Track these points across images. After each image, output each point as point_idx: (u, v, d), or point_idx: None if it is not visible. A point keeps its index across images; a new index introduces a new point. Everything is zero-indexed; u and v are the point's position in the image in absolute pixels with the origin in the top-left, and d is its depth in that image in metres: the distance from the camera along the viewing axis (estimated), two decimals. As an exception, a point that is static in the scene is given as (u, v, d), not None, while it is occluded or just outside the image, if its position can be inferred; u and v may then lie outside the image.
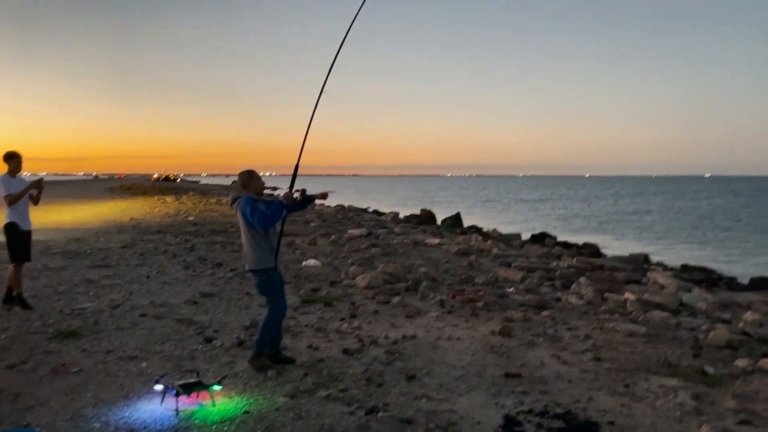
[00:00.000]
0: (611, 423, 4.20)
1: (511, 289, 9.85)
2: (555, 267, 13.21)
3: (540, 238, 22.51)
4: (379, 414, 4.21)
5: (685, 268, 16.83)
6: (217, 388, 4.46)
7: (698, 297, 9.99)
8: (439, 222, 29.90)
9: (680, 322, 8.17)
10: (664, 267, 16.69)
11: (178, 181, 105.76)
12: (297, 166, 5.16)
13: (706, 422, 4.22)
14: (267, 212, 4.93)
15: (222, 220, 20.61)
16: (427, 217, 30.60)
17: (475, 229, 25.50)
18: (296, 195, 5.05)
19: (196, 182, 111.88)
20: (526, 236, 23.50)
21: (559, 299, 9.37)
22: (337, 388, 4.73)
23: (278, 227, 5.16)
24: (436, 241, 16.71)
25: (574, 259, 14.52)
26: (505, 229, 26.92)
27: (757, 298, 11.11)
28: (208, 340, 6.01)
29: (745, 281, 14.85)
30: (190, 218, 21.59)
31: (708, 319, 8.72)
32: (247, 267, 5.18)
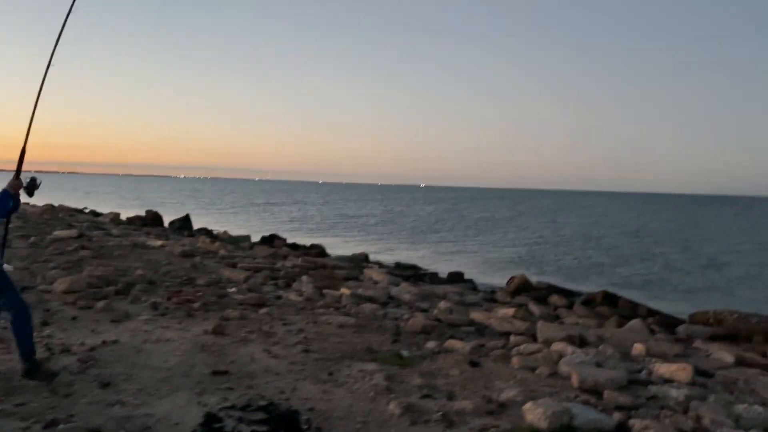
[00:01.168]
0: (311, 409, 4.36)
1: (233, 289, 9.71)
2: (280, 267, 13.43)
3: (270, 240, 22.75)
4: (60, 426, 3.75)
5: (398, 265, 18.53)
6: None
7: (404, 290, 11.05)
8: (166, 224, 28.31)
9: (387, 312, 8.92)
10: (381, 265, 18.15)
11: None
12: (23, 154, 4.56)
13: (394, 399, 4.62)
14: None
15: None
16: (153, 218, 28.67)
17: (205, 231, 24.76)
18: (24, 184, 4.47)
19: None
20: (256, 238, 23.54)
21: (280, 297, 9.53)
22: (12, 403, 4.11)
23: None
24: (159, 242, 15.78)
25: (299, 259, 14.96)
26: (236, 231, 26.65)
27: (452, 290, 12.74)
28: None
29: (445, 275, 16.90)
30: None
31: (410, 309, 9.68)
32: None
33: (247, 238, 21.51)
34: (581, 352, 6.71)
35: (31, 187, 4.51)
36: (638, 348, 7.50)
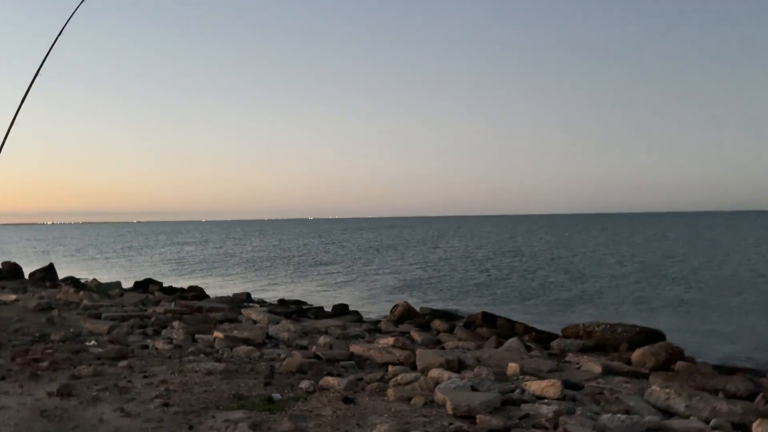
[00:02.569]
0: (162, 472, 3.93)
1: (92, 342, 8.90)
2: (151, 314, 12.57)
3: (144, 285, 21.43)
4: None
5: (281, 302, 18.01)
6: None
7: (283, 328, 10.65)
8: (27, 275, 25.91)
9: (263, 353, 8.52)
10: (263, 303, 17.58)
11: None
12: None
13: (258, 449, 4.29)
14: None
15: None
16: (10, 270, 26.18)
17: (71, 280, 22.92)
18: None
19: None
20: (129, 284, 22.12)
21: (146, 346, 8.85)
22: None
23: None
24: (13, 297, 14.33)
25: (173, 304, 14.11)
26: (108, 278, 24.94)
27: (334, 323, 12.48)
28: None
29: (330, 309, 16.61)
30: None
31: (289, 348, 9.32)
32: None
33: (118, 284, 20.11)
34: (457, 377, 6.71)
35: None
36: (512, 367, 7.64)
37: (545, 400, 5.98)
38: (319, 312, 16.18)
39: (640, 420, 5.41)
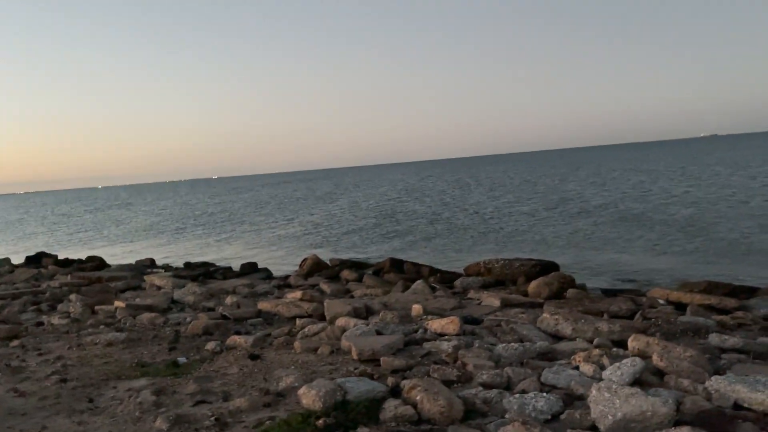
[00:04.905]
0: (62, 448, 3.86)
1: (-20, 325, 8.39)
2: (45, 288, 11.96)
3: (36, 259, 20.21)
4: None
5: (187, 265, 17.55)
6: None
7: (189, 291, 10.45)
8: None
9: (168, 319, 8.36)
10: (168, 268, 17.09)
11: None
12: None
13: (162, 413, 4.27)
14: None
15: None
16: None
17: (-47, 261, 21.25)
18: None
19: None
20: (20, 259, 20.81)
21: (41, 323, 8.47)
22: None
23: None
24: None
25: (68, 276, 13.47)
26: (-3, 255, 23.35)
27: (242, 282, 12.37)
28: None
29: (238, 268, 16.38)
30: None
31: (195, 311, 9.18)
32: None
33: (7, 261, 18.92)
34: (363, 323, 6.89)
35: None
36: (416, 309, 7.92)
37: (446, 337, 6.28)
38: (227, 272, 15.92)
39: (531, 346, 5.81)
